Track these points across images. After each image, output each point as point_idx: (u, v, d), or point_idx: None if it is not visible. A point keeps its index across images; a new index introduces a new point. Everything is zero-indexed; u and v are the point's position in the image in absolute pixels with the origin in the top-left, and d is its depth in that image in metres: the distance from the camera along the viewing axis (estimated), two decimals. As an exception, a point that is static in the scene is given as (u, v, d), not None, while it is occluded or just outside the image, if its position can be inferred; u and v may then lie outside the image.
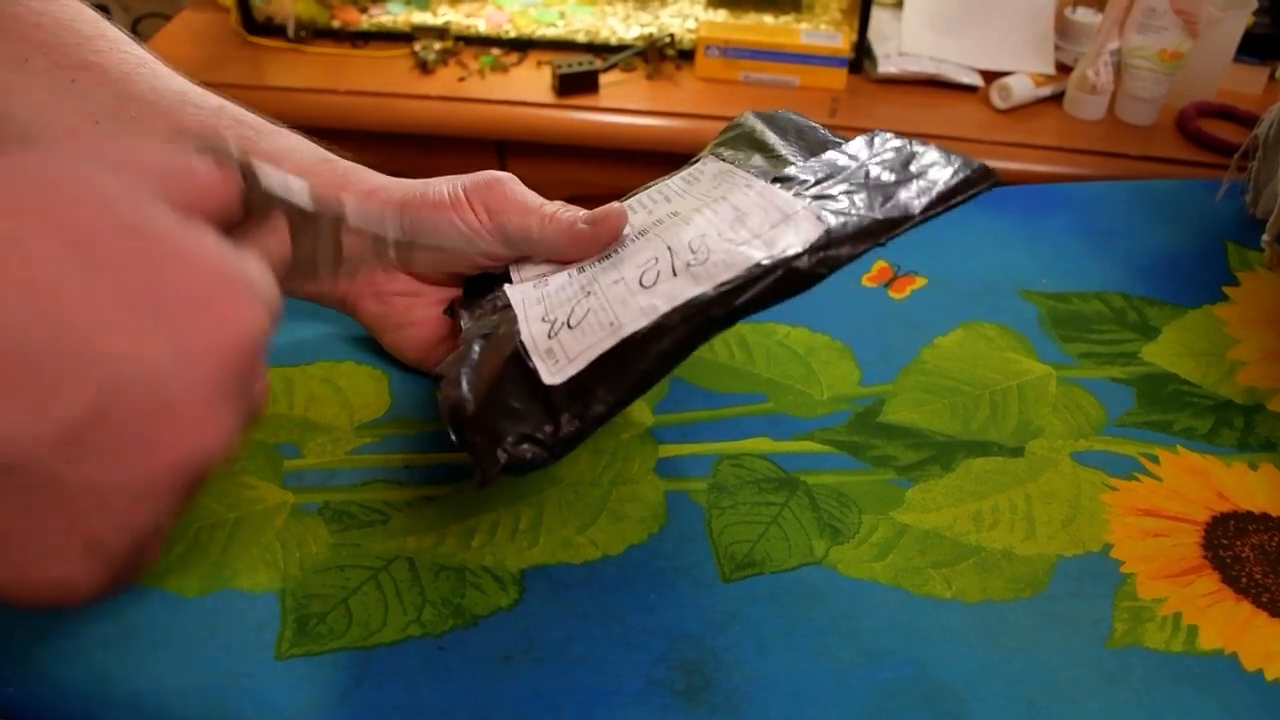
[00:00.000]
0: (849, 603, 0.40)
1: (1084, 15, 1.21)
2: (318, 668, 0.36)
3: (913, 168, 0.39)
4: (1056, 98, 1.16)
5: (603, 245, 0.42)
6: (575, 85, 1.13)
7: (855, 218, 0.36)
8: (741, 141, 0.47)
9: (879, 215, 0.36)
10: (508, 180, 0.43)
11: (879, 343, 0.53)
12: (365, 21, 1.23)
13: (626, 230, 0.42)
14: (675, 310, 0.35)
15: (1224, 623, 0.40)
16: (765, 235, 0.36)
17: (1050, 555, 0.42)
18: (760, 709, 0.36)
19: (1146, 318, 0.56)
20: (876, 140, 0.43)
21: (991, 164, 0.40)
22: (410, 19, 1.23)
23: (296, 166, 0.43)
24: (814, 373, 0.51)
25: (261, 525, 0.41)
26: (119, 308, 0.23)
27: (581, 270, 0.41)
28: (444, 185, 0.42)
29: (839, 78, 1.17)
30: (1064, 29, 1.23)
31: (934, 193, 0.37)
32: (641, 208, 0.44)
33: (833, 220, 0.36)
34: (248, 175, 0.30)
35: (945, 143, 1.15)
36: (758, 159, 0.44)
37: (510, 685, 0.36)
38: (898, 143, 0.42)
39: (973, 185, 0.38)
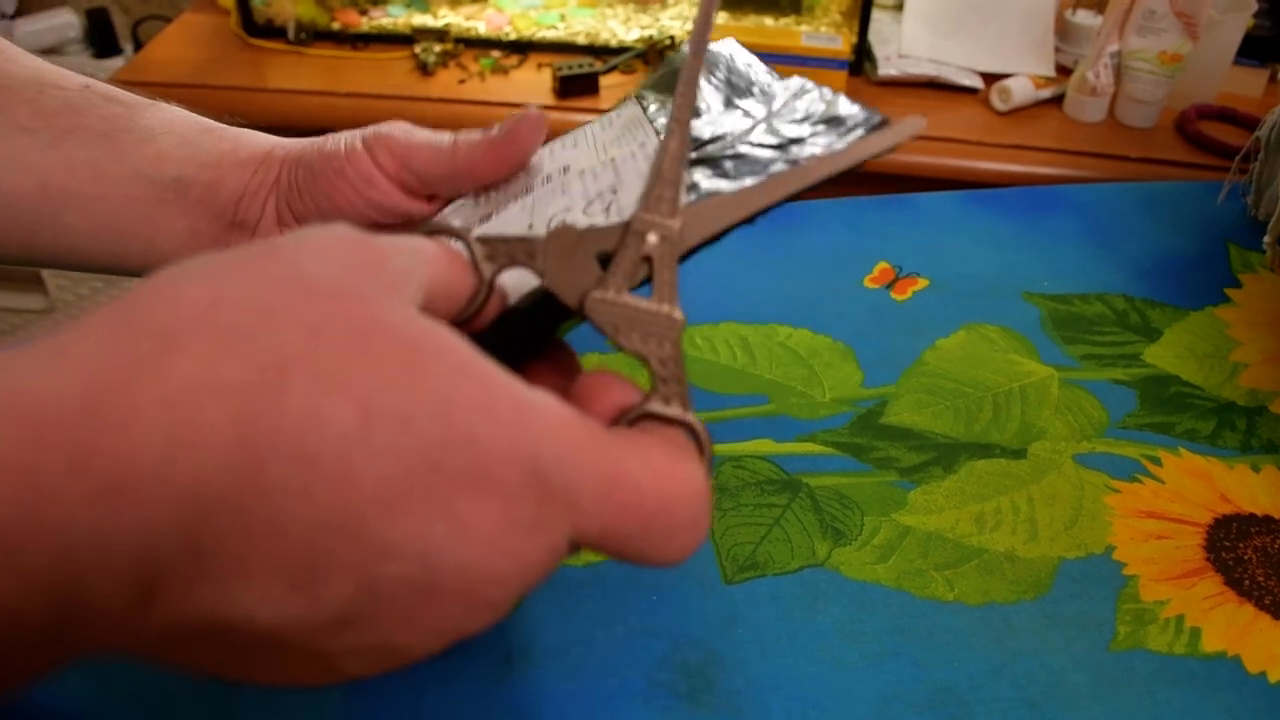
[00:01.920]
0: (851, 605, 0.40)
1: (1084, 18, 1.21)
2: (319, 670, 0.36)
3: (814, 128, 0.34)
4: (1057, 100, 1.16)
5: (523, 152, 0.38)
6: (576, 87, 1.13)
7: (715, 197, 0.31)
8: (667, 83, 0.43)
9: (740, 194, 0.31)
10: (405, 125, 0.40)
11: (881, 344, 0.53)
12: (365, 24, 1.23)
13: (541, 165, 0.39)
14: (522, 298, 0.31)
15: (1226, 625, 0.40)
16: (626, 215, 0.33)
17: (1053, 557, 0.42)
18: (762, 711, 0.36)
19: (1148, 320, 0.56)
20: (790, 89, 0.37)
21: (992, 166, 0.39)
22: (410, 21, 1.23)
23: (180, 139, 0.41)
24: (816, 374, 0.51)
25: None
26: (397, 468, 0.19)
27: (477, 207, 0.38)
28: (341, 137, 0.40)
29: (839, 80, 1.16)
30: (1064, 31, 1.23)
31: (811, 178, 0.32)
32: (561, 147, 0.41)
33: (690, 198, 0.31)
34: (484, 271, 0.26)
35: (946, 145, 1.15)
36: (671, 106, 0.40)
37: (512, 687, 0.36)
38: (811, 97, 0.36)
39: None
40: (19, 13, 1.48)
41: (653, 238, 0.27)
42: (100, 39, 1.50)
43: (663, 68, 0.42)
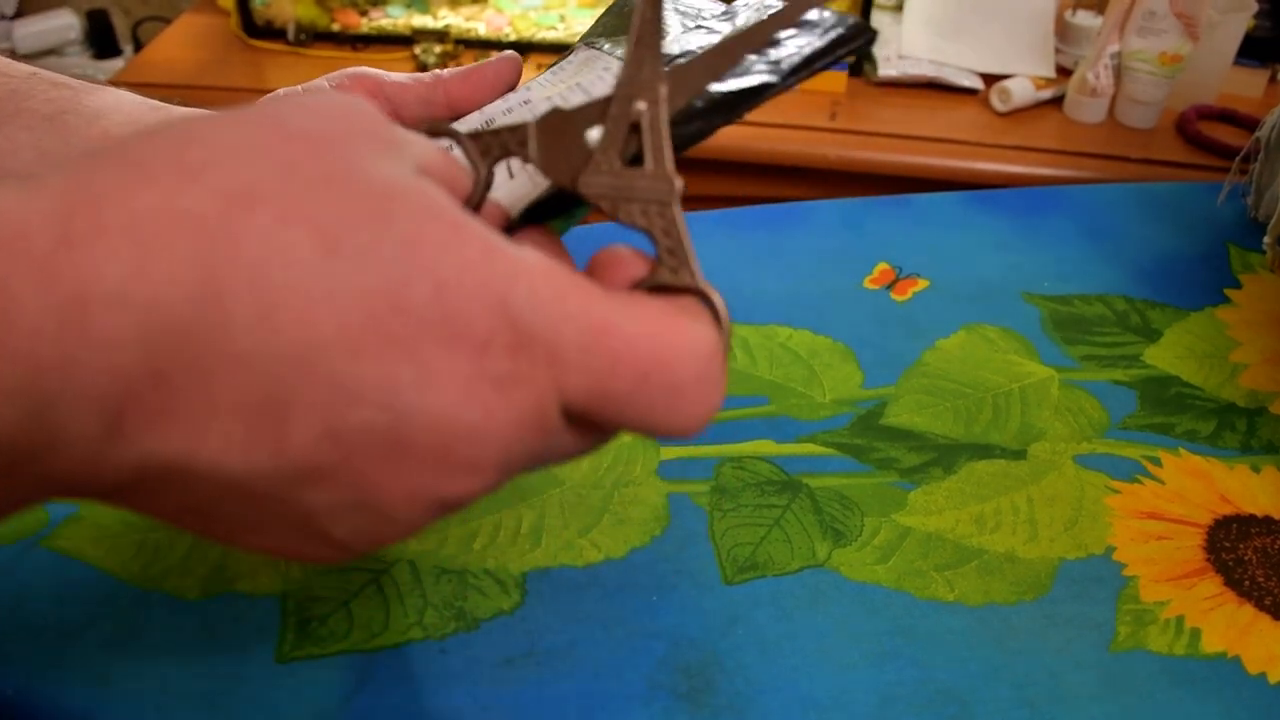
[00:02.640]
0: (851, 605, 0.40)
1: (1084, 18, 1.21)
2: (319, 671, 0.36)
3: (786, 31, 0.34)
4: (1057, 101, 1.16)
5: (501, 81, 0.38)
6: (576, 88, 1.13)
7: (695, 57, 0.30)
8: (616, 25, 0.43)
9: (721, 46, 0.30)
10: (374, 70, 0.39)
11: (881, 345, 0.53)
12: (365, 25, 1.23)
13: (510, 101, 0.38)
14: (520, 212, 0.30)
15: (1226, 626, 0.40)
16: None
17: (1053, 558, 0.42)
18: (763, 712, 0.36)
19: (1148, 320, 0.56)
20: (751, 5, 0.37)
21: (992, 167, 0.38)
22: (410, 22, 1.23)
23: (126, 117, 0.40)
24: (816, 375, 0.51)
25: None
26: (361, 310, 0.18)
27: None
28: (298, 88, 0.39)
29: (839, 81, 1.17)
30: (1064, 32, 1.23)
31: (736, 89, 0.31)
32: (526, 89, 0.40)
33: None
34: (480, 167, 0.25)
35: (946, 146, 1.15)
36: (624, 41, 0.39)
37: (512, 688, 0.36)
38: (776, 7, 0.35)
39: (840, 46, 0.32)
40: (19, 14, 1.48)
41: (640, 104, 0.26)
42: (100, 40, 1.50)
43: (607, 13, 0.41)
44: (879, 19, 1.23)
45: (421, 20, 1.23)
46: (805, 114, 1.11)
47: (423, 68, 1.16)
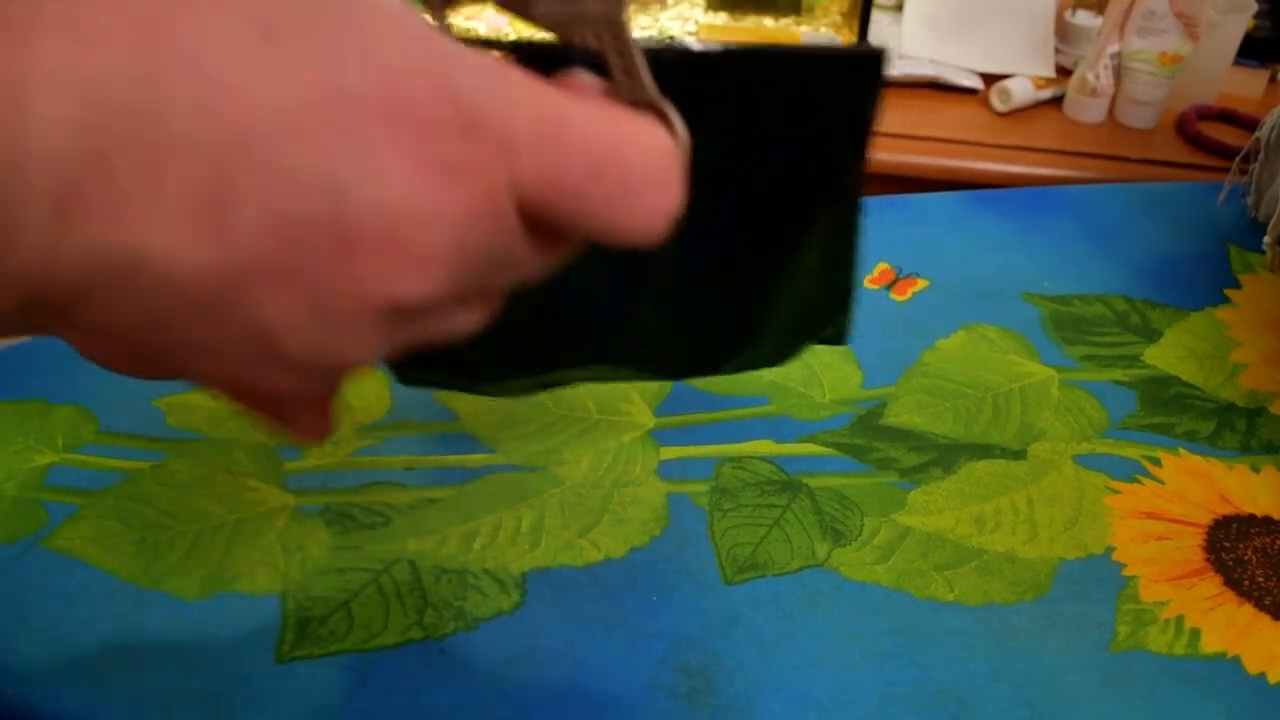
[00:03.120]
0: (851, 605, 0.40)
1: (1084, 18, 1.21)
2: (319, 670, 0.36)
3: None
4: (1056, 101, 1.16)
5: None
6: (576, 88, 1.13)
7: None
8: None
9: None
10: None
11: (881, 345, 0.53)
12: (366, 24, 1.23)
13: None
14: None
15: (1226, 626, 0.40)
16: None
17: (1052, 558, 0.42)
18: (762, 712, 0.36)
19: (1148, 320, 0.56)
20: None
21: (992, 167, 0.39)
22: (411, 22, 1.24)
23: None
24: (816, 375, 0.51)
25: (262, 527, 0.41)
26: (301, 94, 0.18)
27: None
28: None
29: (839, 81, 1.17)
30: (1064, 32, 1.23)
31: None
32: None
33: None
34: None
35: (946, 146, 1.15)
36: None
37: (512, 688, 0.36)
38: None
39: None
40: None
41: None
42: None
43: None
44: (879, 19, 1.23)
45: (421, 20, 1.24)
46: (805, 114, 1.12)
47: (423, 67, 1.16)
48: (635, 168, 0.21)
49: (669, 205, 0.21)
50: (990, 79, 1.18)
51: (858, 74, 0.32)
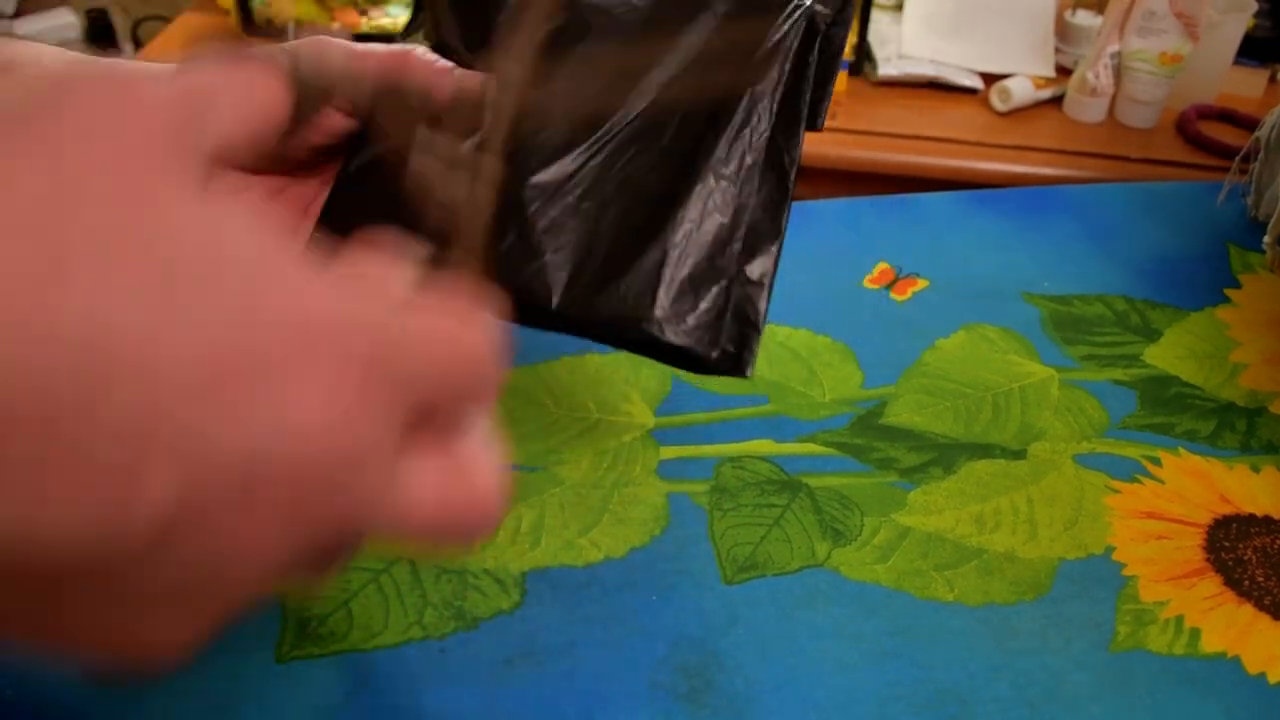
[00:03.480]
0: (851, 605, 0.40)
1: (1084, 18, 1.21)
2: (319, 670, 0.36)
3: None
4: (1056, 100, 1.16)
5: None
6: (575, 87, 1.12)
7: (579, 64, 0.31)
8: None
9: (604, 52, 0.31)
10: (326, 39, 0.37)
11: (881, 345, 0.53)
12: (365, 24, 1.23)
13: None
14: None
15: (1226, 626, 0.40)
16: None
17: (1052, 558, 0.42)
18: (762, 712, 0.36)
19: (1148, 320, 0.56)
20: None
21: (992, 167, 0.39)
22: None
23: (43, 71, 0.36)
24: (816, 375, 0.51)
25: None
26: (205, 365, 0.18)
27: None
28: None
29: (839, 80, 1.17)
30: (1064, 32, 1.23)
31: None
32: None
33: None
34: (297, 68, 0.23)
35: (946, 145, 1.15)
36: None
37: (512, 688, 0.36)
38: None
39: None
40: (19, 13, 1.49)
41: (491, 85, 0.25)
42: (100, 39, 1.50)
43: None
44: (879, 18, 1.23)
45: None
46: (805, 113, 1.12)
47: (422, 67, 1.16)
48: (482, 371, 0.22)
49: (496, 388, 0.22)
50: (990, 79, 1.18)
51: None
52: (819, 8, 0.34)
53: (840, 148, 1.08)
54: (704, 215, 0.34)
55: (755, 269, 0.34)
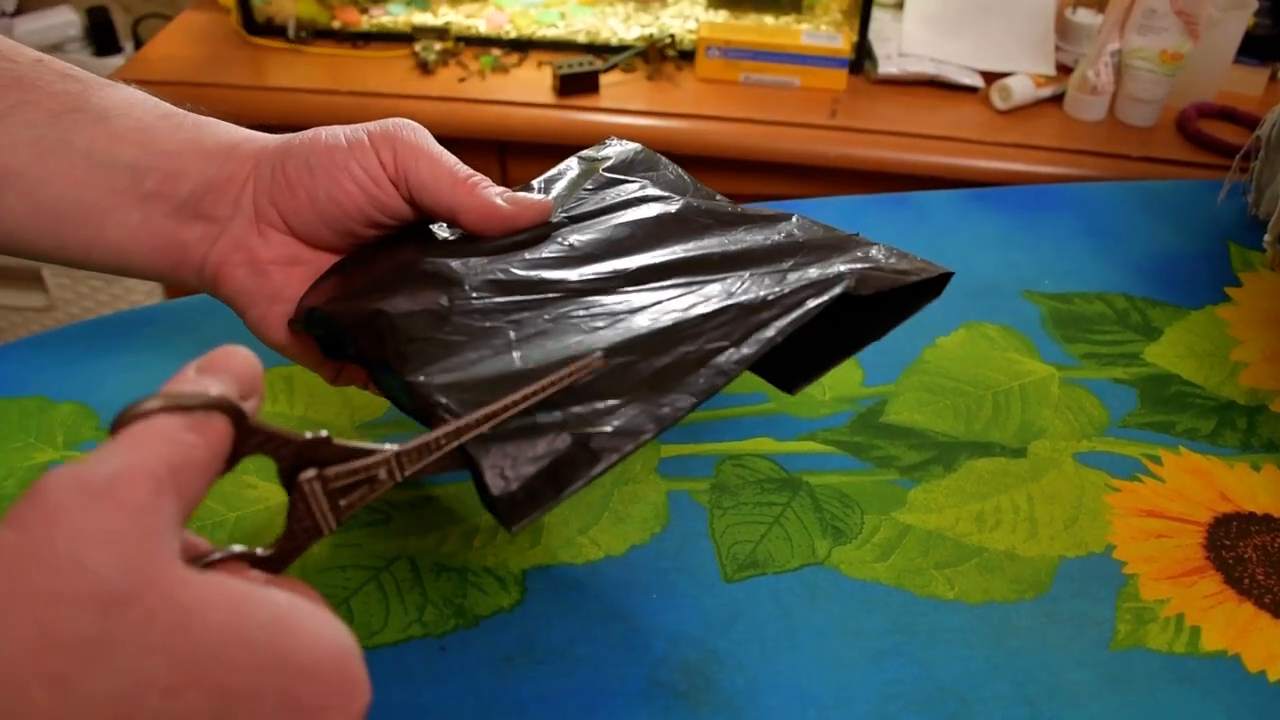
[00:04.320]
0: (851, 603, 0.40)
1: (1084, 16, 1.21)
2: (319, 668, 0.36)
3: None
4: (1057, 99, 1.16)
5: (515, 229, 0.38)
6: (576, 86, 1.12)
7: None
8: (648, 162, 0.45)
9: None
10: (417, 128, 0.39)
11: (881, 343, 0.53)
12: (366, 22, 1.23)
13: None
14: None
15: (1226, 624, 0.40)
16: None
17: (1053, 556, 0.42)
18: (762, 710, 0.36)
19: (1149, 318, 0.56)
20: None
21: (992, 165, 0.40)
22: (411, 19, 1.23)
23: (136, 123, 0.38)
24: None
25: (263, 525, 0.41)
26: None
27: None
28: (341, 130, 0.38)
29: (839, 78, 1.16)
30: (1064, 30, 1.22)
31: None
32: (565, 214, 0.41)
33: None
34: (237, 420, 0.26)
35: (946, 144, 1.15)
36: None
37: (512, 686, 0.36)
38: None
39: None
40: (19, 10, 1.48)
41: (383, 474, 0.29)
42: (101, 37, 1.50)
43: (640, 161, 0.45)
44: (879, 16, 1.23)
45: (422, 18, 1.23)
46: (805, 112, 1.11)
47: (423, 65, 1.16)
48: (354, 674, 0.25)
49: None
50: (991, 77, 1.18)
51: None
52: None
53: (840, 146, 1.08)
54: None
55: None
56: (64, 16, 1.48)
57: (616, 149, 0.45)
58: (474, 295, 0.35)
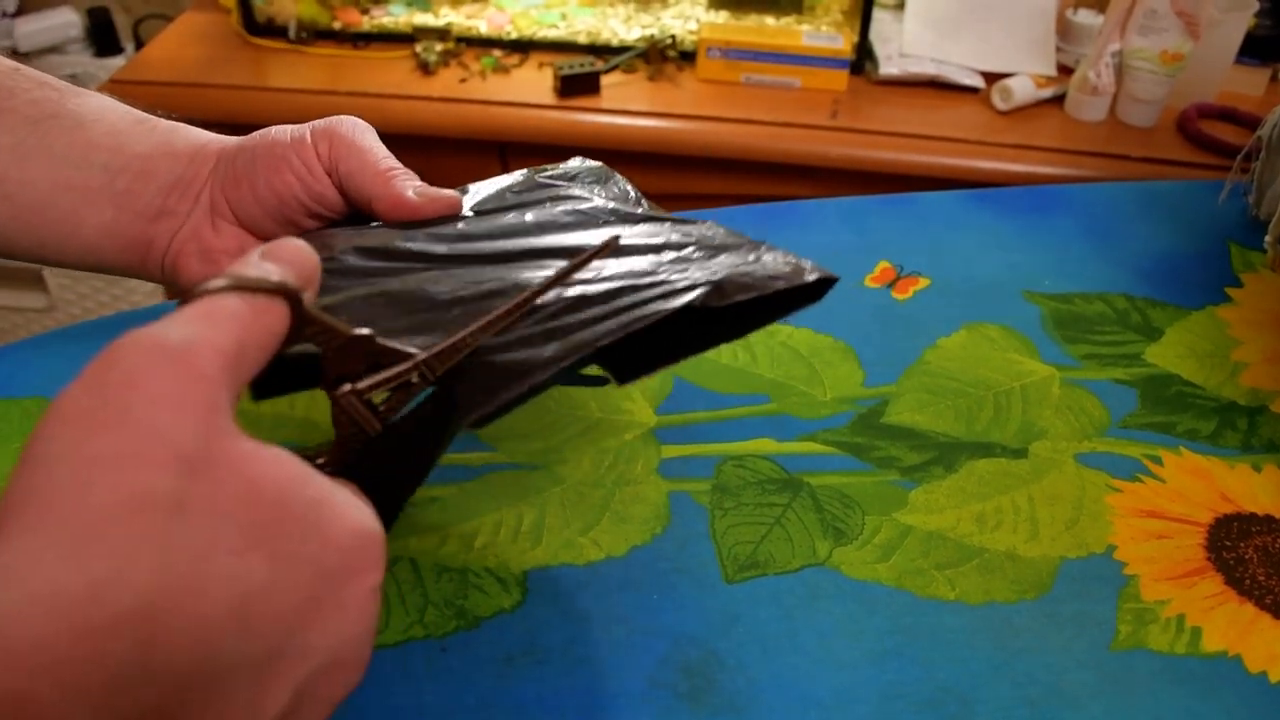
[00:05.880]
0: (852, 604, 0.40)
1: (1085, 17, 1.21)
2: (320, 669, 0.36)
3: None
4: (1058, 99, 1.16)
5: (421, 219, 0.40)
6: (577, 86, 1.12)
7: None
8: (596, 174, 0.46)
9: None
10: (356, 124, 0.41)
11: (882, 344, 0.53)
12: (366, 23, 1.23)
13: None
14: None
15: (1227, 625, 0.40)
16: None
17: (1053, 557, 0.42)
18: (764, 711, 0.36)
19: (1149, 319, 0.56)
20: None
21: (993, 166, 0.39)
22: (411, 20, 1.23)
23: (110, 127, 0.41)
24: (817, 373, 0.50)
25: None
26: (304, 594, 0.24)
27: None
28: (290, 127, 0.41)
29: (840, 79, 1.16)
30: (1065, 31, 1.22)
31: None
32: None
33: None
34: (295, 306, 0.27)
35: (946, 144, 1.15)
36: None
37: (513, 687, 0.36)
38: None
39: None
40: (20, 11, 1.48)
41: (415, 378, 0.30)
42: (101, 38, 1.50)
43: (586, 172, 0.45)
44: (880, 17, 1.23)
45: (423, 18, 1.23)
46: (806, 112, 1.11)
47: (424, 65, 1.16)
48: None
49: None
50: (991, 77, 1.18)
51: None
52: None
53: (841, 146, 1.08)
54: None
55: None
56: (65, 17, 1.48)
57: (574, 164, 0.46)
58: (339, 255, 0.37)
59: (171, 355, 0.22)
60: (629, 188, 0.44)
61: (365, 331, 0.29)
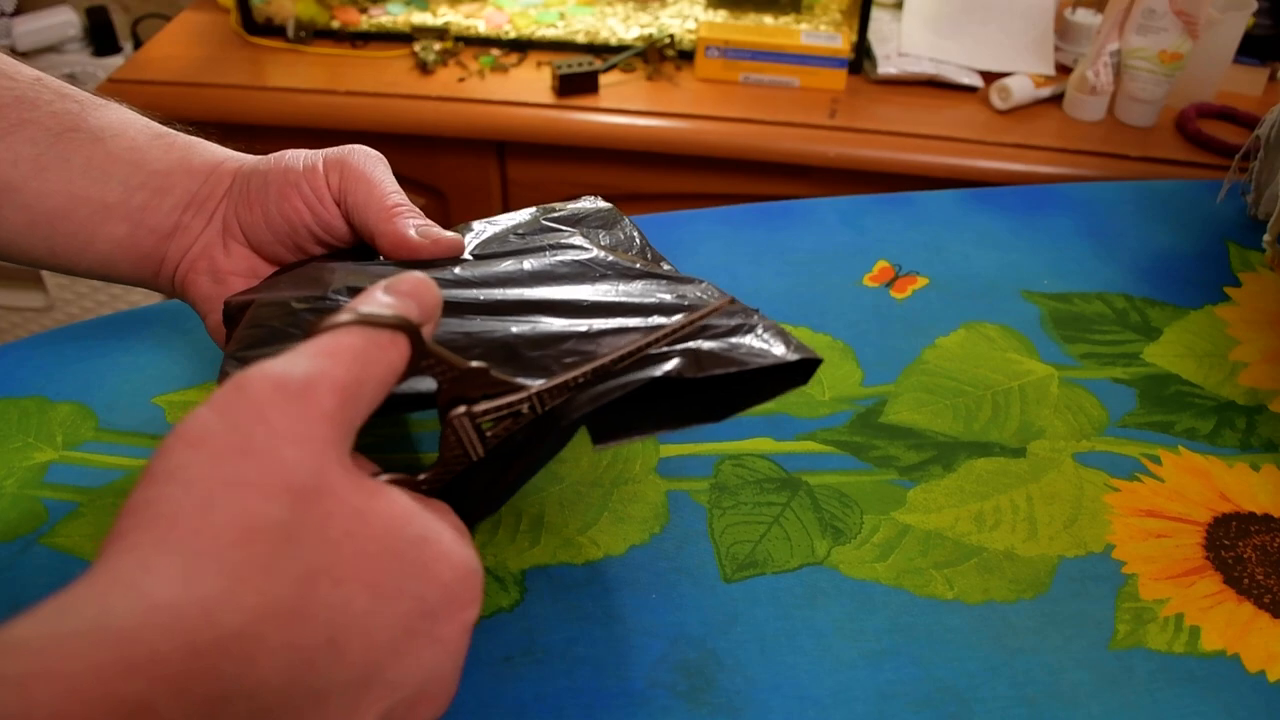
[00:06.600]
0: (851, 603, 0.40)
1: (1084, 16, 1.21)
2: (318, 668, 0.36)
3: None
4: (1056, 99, 1.16)
5: (421, 259, 0.39)
6: (575, 86, 1.12)
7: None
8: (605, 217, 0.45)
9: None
10: (368, 155, 0.41)
11: (881, 343, 0.53)
12: (365, 22, 1.23)
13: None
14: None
15: (1226, 624, 0.40)
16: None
17: (1052, 556, 0.42)
18: (762, 710, 0.36)
19: (1148, 318, 0.56)
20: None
21: (991, 165, 0.39)
22: (410, 19, 1.23)
23: (130, 143, 0.41)
24: (815, 373, 0.50)
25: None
26: (400, 627, 0.25)
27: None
28: (305, 152, 0.41)
29: (839, 78, 1.16)
30: (1064, 30, 1.22)
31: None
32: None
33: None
34: (415, 341, 0.28)
35: (945, 144, 1.15)
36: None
37: (511, 686, 0.36)
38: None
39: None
40: (18, 11, 1.48)
41: (525, 409, 0.31)
42: (100, 37, 1.50)
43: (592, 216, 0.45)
44: (878, 16, 1.23)
45: (421, 17, 1.23)
46: (805, 111, 1.11)
47: (422, 65, 1.16)
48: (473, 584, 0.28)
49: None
50: (990, 77, 1.18)
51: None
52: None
53: (840, 146, 1.08)
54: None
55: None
56: (63, 16, 1.48)
57: (584, 205, 0.45)
58: (332, 295, 0.37)
59: (293, 393, 0.24)
60: (635, 233, 0.44)
61: (481, 365, 0.30)
